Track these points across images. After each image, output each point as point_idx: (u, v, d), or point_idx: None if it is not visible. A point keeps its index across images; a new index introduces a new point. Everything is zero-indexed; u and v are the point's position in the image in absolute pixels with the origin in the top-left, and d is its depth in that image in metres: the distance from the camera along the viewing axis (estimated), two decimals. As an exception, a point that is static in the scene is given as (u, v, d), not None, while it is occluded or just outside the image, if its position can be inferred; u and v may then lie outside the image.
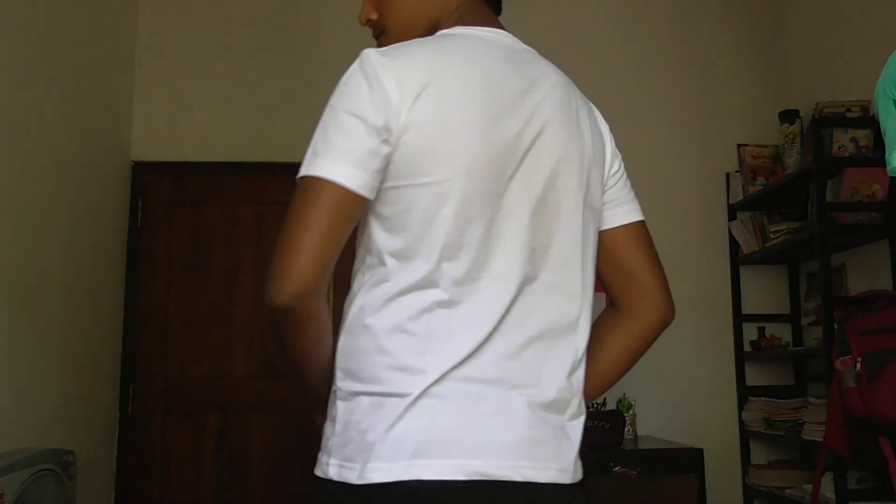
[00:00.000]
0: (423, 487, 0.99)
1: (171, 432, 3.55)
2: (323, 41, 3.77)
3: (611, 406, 3.50)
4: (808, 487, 2.90)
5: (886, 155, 1.70)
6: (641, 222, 1.29)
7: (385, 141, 1.04)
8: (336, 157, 1.04)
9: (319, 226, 1.03)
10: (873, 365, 2.31)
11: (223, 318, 3.62)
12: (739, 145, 3.63)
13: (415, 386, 1.03)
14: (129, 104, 3.72)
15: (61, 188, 2.98)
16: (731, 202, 3.75)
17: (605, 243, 1.26)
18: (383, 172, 1.06)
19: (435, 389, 1.03)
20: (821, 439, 2.74)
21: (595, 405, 3.47)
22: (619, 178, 1.31)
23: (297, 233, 1.03)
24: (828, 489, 2.74)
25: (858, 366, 2.34)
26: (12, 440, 2.56)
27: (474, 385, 1.04)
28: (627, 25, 3.92)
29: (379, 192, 1.07)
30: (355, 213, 1.06)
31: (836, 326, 2.53)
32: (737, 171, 3.69)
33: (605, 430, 3.12)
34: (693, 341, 3.70)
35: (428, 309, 1.05)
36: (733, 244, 3.73)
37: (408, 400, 1.02)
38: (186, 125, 3.74)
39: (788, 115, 3.37)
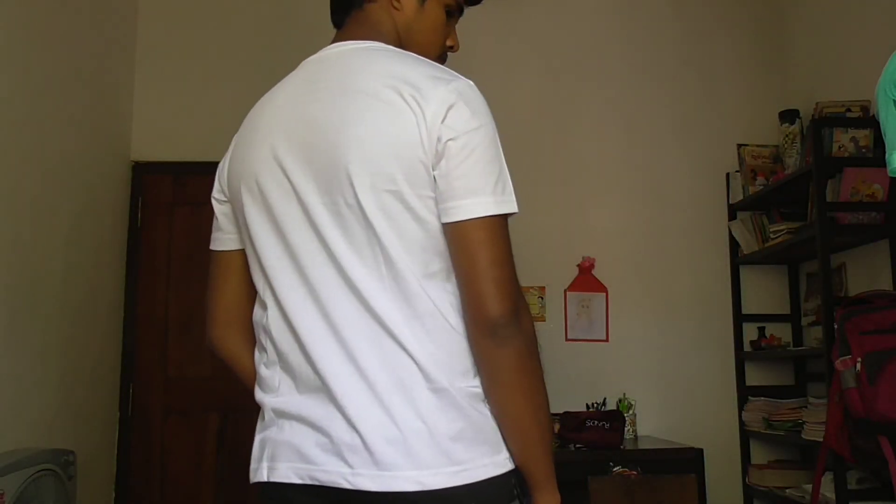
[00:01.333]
0: (272, 488, 1.14)
1: (171, 432, 3.55)
2: (323, 41, 3.77)
3: (611, 406, 3.50)
4: (808, 487, 2.90)
5: (886, 155, 1.70)
6: (466, 222, 1.06)
7: (225, 201, 1.28)
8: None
9: (209, 284, 1.33)
10: (873, 365, 2.31)
11: (223, 318, 3.61)
12: (739, 145, 3.63)
13: (267, 396, 1.18)
14: (129, 104, 3.72)
15: (61, 188, 2.98)
16: (731, 202, 3.75)
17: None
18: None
19: (282, 399, 1.15)
20: (821, 439, 2.74)
21: (595, 405, 3.48)
22: (449, 168, 1.07)
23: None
24: (828, 489, 2.74)
25: (858, 366, 2.34)
26: (12, 440, 2.57)
27: (308, 395, 1.12)
28: (628, 26, 3.92)
29: None
30: (226, 266, 1.29)
31: (836, 326, 2.53)
32: (737, 171, 3.69)
33: (605, 430, 3.12)
34: (693, 341, 3.71)
35: (265, 326, 1.18)
36: (733, 244, 3.73)
37: (266, 409, 1.18)
38: (186, 125, 3.74)
39: (788, 115, 3.37)
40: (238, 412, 3.55)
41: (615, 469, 3.00)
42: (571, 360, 3.64)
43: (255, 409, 1.24)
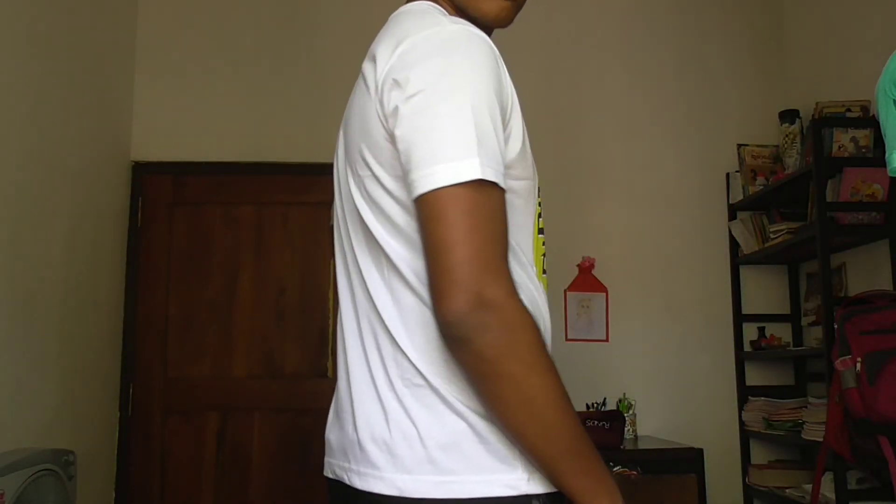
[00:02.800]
0: (328, 484, 1.10)
1: (171, 432, 3.55)
2: (323, 41, 3.77)
3: (611, 406, 3.50)
4: (808, 487, 2.90)
5: (886, 155, 1.70)
6: (422, 196, 0.90)
7: None
8: None
9: None
10: (873, 365, 2.31)
11: (223, 318, 3.62)
12: (739, 145, 3.63)
13: None
14: (129, 104, 3.72)
15: (61, 188, 2.98)
16: (731, 202, 3.75)
17: None
18: None
19: (336, 387, 1.13)
20: (821, 439, 2.74)
21: (595, 405, 3.48)
22: (397, 141, 0.94)
23: None
24: (828, 489, 2.74)
25: (858, 366, 2.34)
26: (12, 440, 2.56)
27: (342, 385, 1.09)
28: (627, 26, 3.92)
29: None
30: None
31: (836, 326, 2.53)
32: (737, 171, 3.69)
33: (605, 430, 3.12)
34: (693, 341, 3.70)
35: None
36: (733, 244, 3.73)
37: None
38: (186, 125, 3.74)
39: (788, 115, 3.37)
40: (238, 412, 3.56)
41: (615, 469, 3.00)
42: (571, 360, 3.64)
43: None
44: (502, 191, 0.92)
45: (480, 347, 0.87)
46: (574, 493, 0.93)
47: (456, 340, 0.89)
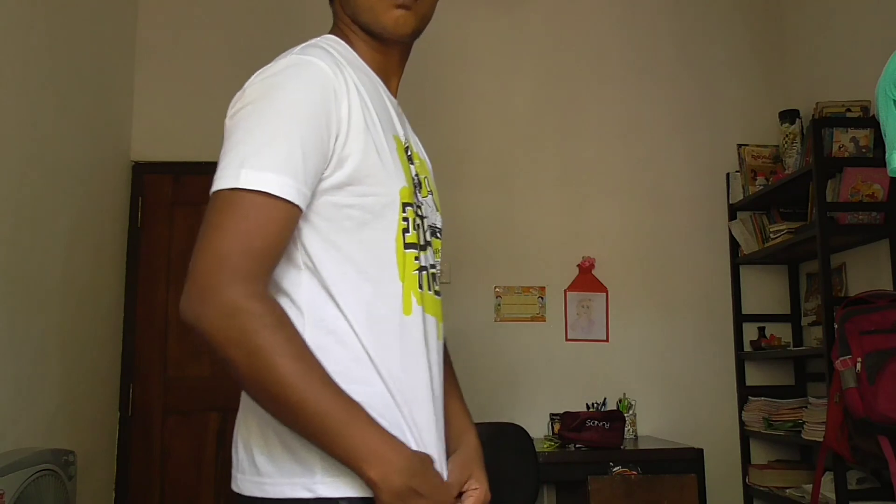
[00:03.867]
0: None
1: (171, 432, 3.55)
2: (323, 41, 3.77)
3: (611, 406, 3.50)
4: (808, 487, 2.90)
5: (886, 155, 1.70)
6: (210, 196, 1.01)
7: None
8: None
9: None
10: (873, 365, 2.32)
11: (223, 318, 3.61)
12: (739, 145, 3.63)
13: None
14: (129, 104, 3.72)
15: (61, 188, 2.98)
16: (731, 202, 3.76)
17: None
18: None
19: None
20: (821, 439, 2.74)
21: (595, 405, 3.48)
22: None
23: None
24: (828, 489, 2.74)
25: (858, 366, 2.34)
26: (12, 440, 2.56)
27: None
28: (628, 26, 3.93)
29: None
30: None
31: (836, 326, 2.53)
32: (737, 171, 3.69)
33: (605, 430, 3.12)
34: (693, 341, 3.71)
35: None
36: (733, 244, 3.73)
37: None
38: (186, 125, 3.73)
39: (788, 115, 3.37)
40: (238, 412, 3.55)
41: (615, 469, 3.00)
42: (571, 360, 3.64)
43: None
44: (280, 200, 0.97)
45: (203, 334, 0.94)
46: (338, 456, 0.96)
47: (188, 328, 0.95)
